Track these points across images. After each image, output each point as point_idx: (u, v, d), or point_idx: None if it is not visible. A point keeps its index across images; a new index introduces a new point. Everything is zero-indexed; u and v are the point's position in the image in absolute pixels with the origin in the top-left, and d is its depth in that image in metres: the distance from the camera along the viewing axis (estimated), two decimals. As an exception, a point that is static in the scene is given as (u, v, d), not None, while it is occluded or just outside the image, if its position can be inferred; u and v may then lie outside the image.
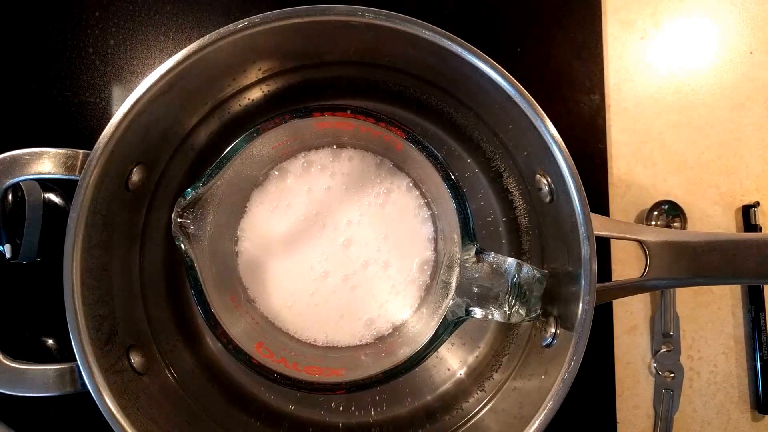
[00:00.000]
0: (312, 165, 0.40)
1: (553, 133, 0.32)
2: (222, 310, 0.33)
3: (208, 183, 0.31)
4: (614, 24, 0.48)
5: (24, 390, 0.32)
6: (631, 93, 0.48)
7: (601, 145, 0.47)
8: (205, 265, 0.33)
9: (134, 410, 0.32)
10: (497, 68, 0.33)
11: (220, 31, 0.33)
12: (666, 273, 0.34)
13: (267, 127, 0.32)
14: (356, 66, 0.40)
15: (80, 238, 0.32)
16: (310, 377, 0.32)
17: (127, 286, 0.38)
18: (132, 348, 0.36)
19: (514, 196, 0.41)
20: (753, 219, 0.46)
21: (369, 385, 0.32)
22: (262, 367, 0.32)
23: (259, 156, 0.36)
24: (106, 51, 0.46)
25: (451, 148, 0.43)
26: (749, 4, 0.49)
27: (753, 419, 0.47)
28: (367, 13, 0.33)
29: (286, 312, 0.39)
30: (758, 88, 0.48)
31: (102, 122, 0.41)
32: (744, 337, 0.47)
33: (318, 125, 0.34)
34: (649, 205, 0.47)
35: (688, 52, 0.49)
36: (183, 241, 0.31)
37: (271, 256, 0.39)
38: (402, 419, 0.41)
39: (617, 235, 0.34)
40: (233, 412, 0.40)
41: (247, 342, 0.32)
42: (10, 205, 0.38)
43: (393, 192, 0.40)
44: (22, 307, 0.44)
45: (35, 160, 0.32)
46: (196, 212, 0.32)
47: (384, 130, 0.32)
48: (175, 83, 0.33)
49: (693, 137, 0.48)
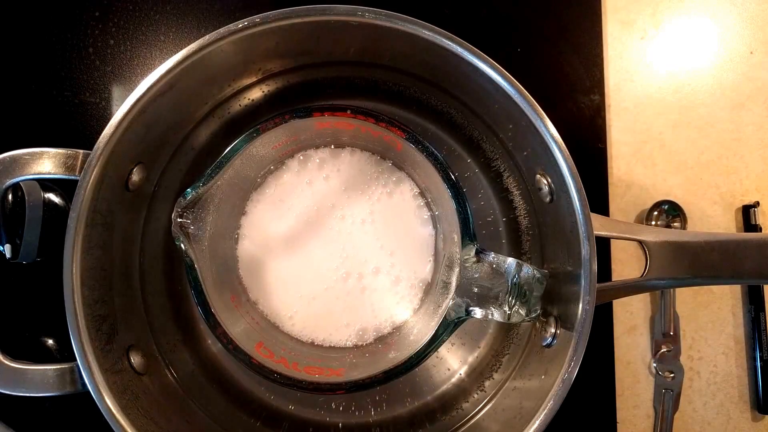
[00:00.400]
0: (312, 165, 0.40)
1: (553, 133, 0.32)
2: (222, 310, 0.33)
3: (208, 183, 0.31)
4: (614, 24, 0.48)
5: (24, 390, 0.32)
6: (631, 93, 0.48)
7: (601, 145, 0.47)
8: (205, 265, 0.33)
9: (134, 410, 0.32)
10: (497, 68, 0.33)
11: (220, 31, 0.33)
12: (666, 273, 0.34)
13: (267, 127, 0.32)
14: (356, 66, 0.40)
15: (80, 238, 0.32)
16: (310, 377, 0.32)
17: (127, 286, 0.38)
18: (132, 348, 0.36)
19: (514, 196, 0.42)
20: (753, 219, 0.46)
21: (369, 385, 0.32)
22: (262, 367, 0.32)
23: (259, 156, 0.36)
24: (106, 51, 0.46)
25: (451, 148, 0.43)
26: (749, 4, 0.49)
27: (753, 419, 0.47)
28: (367, 13, 0.33)
29: (286, 312, 0.39)
30: (758, 88, 0.48)
31: (102, 122, 0.42)
32: (744, 337, 0.47)
33: (318, 125, 0.34)
34: (649, 205, 0.47)
35: (688, 52, 0.49)
36: (183, 241, 0.31)
37: (271, 256, 0.39)
38: (402, 419, 0.41)
39: (617, 235, 0.34)
40: (233, 412, 0.40)
41: (246, 342, 0.32)
42: (10, 205, 0.38)
43: (393, 192, 0.40)
44: (22, 307, 0.44)
45: (35, 160, 0.32)
46: (196, 212, 0.32)
47: (384, 130, 0.32)
48: (175, 83, 0.33)
49: (693, 137, 0.48)
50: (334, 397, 0.41)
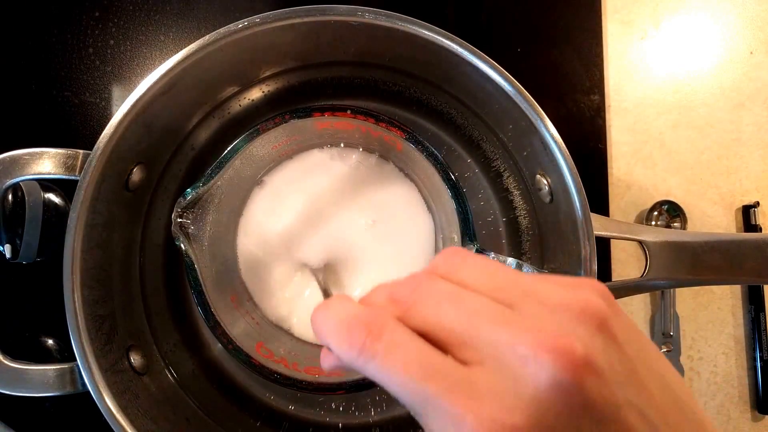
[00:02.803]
0: (312, 165, 0.40)
1: (553, 133, 0.32)
2: (222, 310, 0.33)
3: (208, 183, 0.31)
4: (614, 24, 0.48)
5: (24, 390, 0.32)
6: (631, 93, 0.48)
7: (601, 145, 0.47)
8: (205, 265, 0.33)
9: (134, 410, 0.32)
10: (497, 68, 0.33)
11: (220, 31, 0.33)
12: (666, 273, 0.34)
13: (267, 127, 0.32)
14: (356, 66, 0.40)
15: (80, 238, 0.32)
16: (311, 377, 0.32)
17: (127, 286, 0.38)
18: (132, 348, 0.36)
19: (514, 196, 0.42)
20: (753, 219, 0.46)
21: (369, 385, 0.32)
22: (262, 368, 0.32)
23: (259, 156, 0.36)
24: (106, 51, 0.46)
25: (451, 148, 0.43)
26: (749, 4, 0.49)
27: (753, 419, 0.47)
28: (367, 13, 0.33)
29: (286, 312, 0.39)
30: (758, 88, 0.48)
31: (102, 122, 0.42)
32: (744, 337, 0.47)
33: (318, 125, 0.34)
34: (649, 205, 0.47)
35: (688, 52, 0.49)
36: (183, 241, 0.31)
37: (271, 255, 0.39)
38: (402, 419, 0.41)
39: (617, 235, 0.34)
40: (233, 412, 0.40)
41: (246, 342, 0.32)
42: (10, 205, 0.38)
43: (393, 192, 0.40)
44: (22, 307, 0.44)
45: (35, 160, 0.32)
46: (196, 212, 0.32)
47: (384, 130, 0.32)
48: (175, 83, 0.33)
49: (693, 137, 0.48)
50: (334, 397, 0.41)
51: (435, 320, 0.17)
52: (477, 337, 0.16)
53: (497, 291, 0.18)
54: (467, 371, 0.16)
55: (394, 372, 0.16)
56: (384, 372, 0.17)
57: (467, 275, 0.19)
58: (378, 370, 0.17)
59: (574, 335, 0.16)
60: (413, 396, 0.16)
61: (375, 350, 0.17)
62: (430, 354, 0.17)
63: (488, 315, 0.17)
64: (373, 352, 0.17)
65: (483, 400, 0.15)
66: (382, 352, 0.17)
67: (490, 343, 0.16)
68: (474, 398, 0.15)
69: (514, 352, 0.16)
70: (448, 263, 0.19)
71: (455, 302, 0.17)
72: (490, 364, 0.16)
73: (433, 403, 0.16)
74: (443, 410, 0.16)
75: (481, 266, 0.19)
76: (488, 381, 0.16)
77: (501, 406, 0.15)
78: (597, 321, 0.16)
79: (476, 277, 0.18)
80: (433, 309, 0.18)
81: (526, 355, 0.15)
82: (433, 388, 0.16)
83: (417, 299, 0.18)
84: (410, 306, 0.18)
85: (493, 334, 0.16)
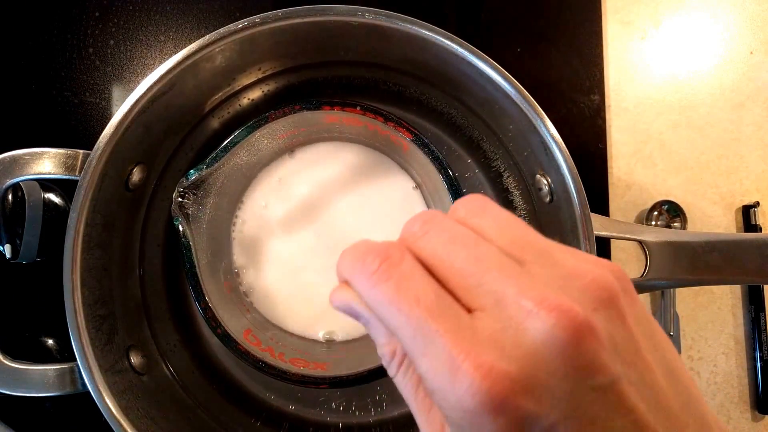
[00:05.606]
0: (315, 158, 0.40)
1: (553, 133, 0.32)
2: (214, 294, 0.33)
3: (212, 166, 0.32)
4: (614, 24, 0.48)
5: (24, 390, 0.32)
6: (631, 93, 0.48)
7: (601, 145, 0.47)
8: (201, 247, 0.33)
9: (134, 410, 0.32)
10: (497, 68, 0.33)
11: (220, 31, 0.33)
12: (666, 273, 0.34)
13: (275, 116, 0.32)
14: (356, 66, 0.40)
15: (80, 238, 0.32)
16: (295, 369, 0.32)
17: (127, 286, 0.38)
18: (132, 348, 0.36)
19: (514, 196, 0.41)
20: (753, 219, 0.46)
21: (352, 382, 0.32)
22: (248, 354, 0.32)
23: (264, 145, 0.36)
24: (106, 51, 0.46)
25: (451, 148, 0.43)
26: (749, 4, 0.49)
27: (753, 419, 0.47)
28: (367, 13, 0.33)
29: (278, 302, 0.39)
30: (758, 88, 0.48)
31: (102, 122, 0.42)
32: (744, 337, 0.47)
33: (327, 119, 0.35)
34: (649, 205, 0.47)
35: (688, 52, 0.49)
36: (181, 222, 0.31)
37: (268, 245, 0.39)
38: (402, 419, 0.41)
39: (617, 235, 0.34)
40: (233, 412, 0.40)
41: (235, 327, 0.33)
42: (10, 205, 0.38)
43: (394, 190, 0.40)
44: (22, 307, 0.44)
45: (35, 160, 0.32)
46: (197, 194, 0.32)
47: (392, 130, 0.33)
48: (175, 83, 0.33)
49: (693, 137, 0.48)
50: (320, 392, 0.41)
51: (443, 257, 0.17)
52: (482, 284, 0.16)
53: (511, 245, 0.17)
54: (470, 317, 0.16)
55: (405, 301, 0.16)
56: (394, 298, 0.16)
57: (485, 223, 0.18)
58: (387, 294, 0.17)
59: (578, 301, 0.16)
60: (416, 330, 0.16)
61: (390, 274, 0.17)
62: (441, 294, 0.16)
63: (497, 265, 0.16)
64: (388, 275, 0.17)
65: (481, 348, 0.15)
66: (397, 277, 0.17)
67: (494, 293, 0.16)
68: (474, 344, 0.15)
69: (518, 305, 0.15)
70: (467, 208, 0.19)
71: (465, 245, 0.17)
72: (492, 312, 0.16)
73: (435, 341, 0.15)
74: (443, 350, 0.15)
75: (500, 218, 0.18)
76: (488, 329, 0.16)
77: (499, 355, 0.15)
78: (607, 295, 0.16)
79: (493, 227, 0.18)
80: (442, 246, 0.17)
81: (530, 309, 0.15)
82: (439, 327, 0.16)
83: (428, 230, 0.18)
84: (420, 237, 0.18)
85: (499, 284, 0.16)
